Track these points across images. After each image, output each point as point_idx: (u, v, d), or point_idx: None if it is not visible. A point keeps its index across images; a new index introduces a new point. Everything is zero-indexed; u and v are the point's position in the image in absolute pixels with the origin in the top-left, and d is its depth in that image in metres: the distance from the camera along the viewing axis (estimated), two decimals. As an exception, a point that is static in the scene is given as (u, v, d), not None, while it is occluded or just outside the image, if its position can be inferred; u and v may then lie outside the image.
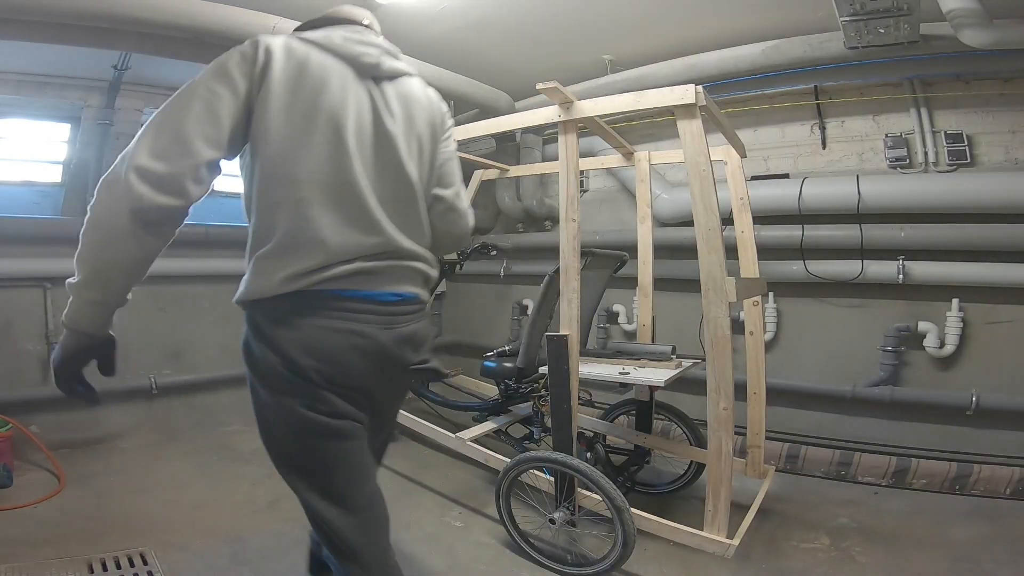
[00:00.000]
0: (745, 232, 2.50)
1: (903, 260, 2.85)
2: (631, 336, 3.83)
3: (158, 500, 2.54)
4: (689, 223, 3.46)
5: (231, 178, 4.40)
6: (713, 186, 1.77)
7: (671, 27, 2.97)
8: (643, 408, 2.69)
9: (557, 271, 2.20)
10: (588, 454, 2.44)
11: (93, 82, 3.33)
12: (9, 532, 2.17)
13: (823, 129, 3.22)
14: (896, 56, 2.67)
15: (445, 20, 2.97)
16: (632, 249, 3.82)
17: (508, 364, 2.63)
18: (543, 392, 2.48)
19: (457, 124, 2.91)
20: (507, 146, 4.15)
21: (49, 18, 2.44)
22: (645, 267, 2.77)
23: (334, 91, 1.10)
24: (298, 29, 1.24)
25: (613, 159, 3.16)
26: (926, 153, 2.92)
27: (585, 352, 2.49)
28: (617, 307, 3.85)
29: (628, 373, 2.25)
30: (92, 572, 1.94)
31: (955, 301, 2.78)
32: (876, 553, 2.17)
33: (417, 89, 1.39)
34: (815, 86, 3.12)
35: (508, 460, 2.24)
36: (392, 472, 2.97)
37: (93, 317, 1.12)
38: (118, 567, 1.97)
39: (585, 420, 2.79)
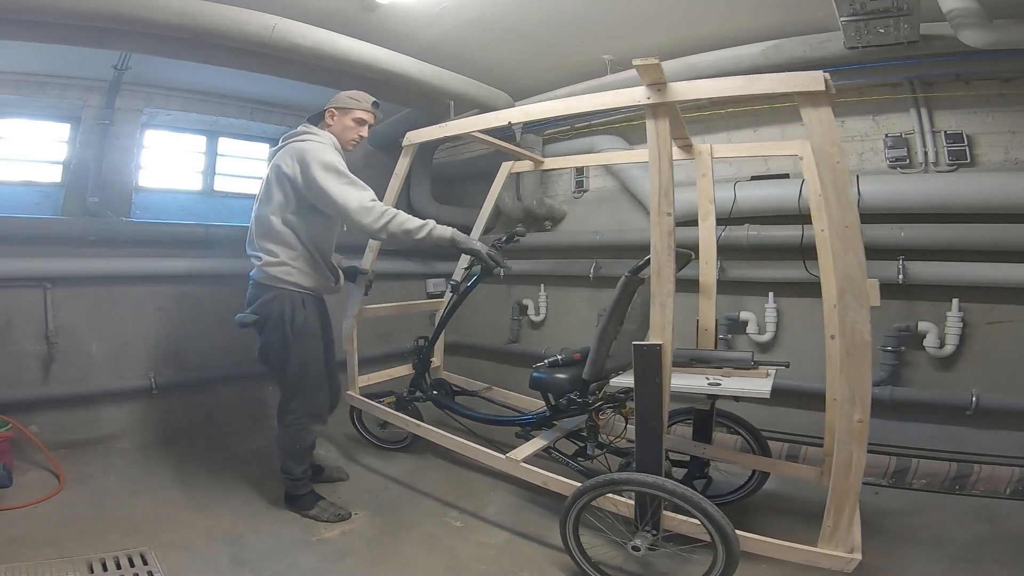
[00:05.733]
0: (826, 231, 2.32)
1: (903, 260, 2.85)
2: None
3: (158, 500, 2.54)
4: (689, 223, 3.49)
5: (231, 178, 4.42)
6: (848, 178, 1.67)
7: (671, 27, 2.97)
8: (702, 417, 2.53)
9: (634, 271, 2.07)
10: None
11: (93, 82, 3.33)
12: (9, 532, 2.17)
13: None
14: (896, 56, 2.67)
15: (445, 20, 2.97)
16: (633, 249, 3.83)
17: (560, 375, 2.39)
18: (600, 404, 2.34)
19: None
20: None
21: (49, 18, 2.44)
22: (708, 267, 2.62)
23: None
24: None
25: (618, 155, 3.10)
26: (926, 153, 2.92)
27: None
28: (618, 307, 3.84)
29: (719, 384, 2.08)
30: (92, 572, 1.94)
31: (955, 301, 2.77)
32: (876, 553, 2.17)
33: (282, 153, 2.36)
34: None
35: (566, 480, 2.10)
36: (387, 478, 2.97)
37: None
38: (118, 567, 1.97)
39: (632, 431, 2.64)
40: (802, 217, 3.06)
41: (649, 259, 1.95)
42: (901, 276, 2.84)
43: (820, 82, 1.62)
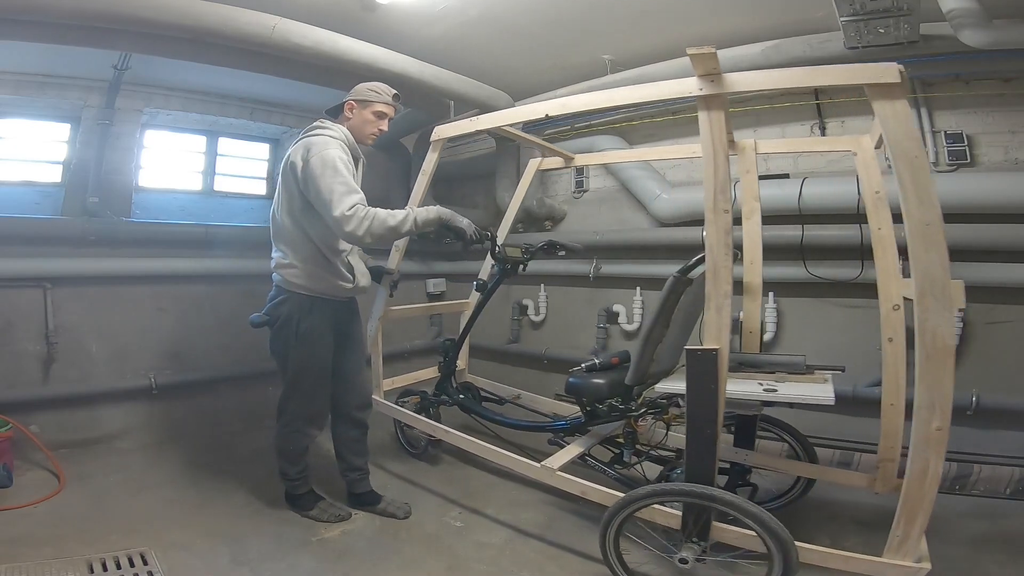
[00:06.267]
0: (883, 229, 2.25)
1: (903, 261, 2.84)
2: (631, 336, 3.83)
3: (158, 500, 2.54)
4: (689, 223, 3.49)
5: (230, 178, 4.42)
6: (929, 174, 1.57)
7: (671, 27, 2.97)
8: (744, 422, 2.42)
9: (683, 271, 1.99)
10: (680, 472, 2.13)
11: (93, 82, 3.33)
12: (9, 532, 2.18)
13: (823, 129, 3.22)
14: (896, 56, 2.66)
15: (445, 20, 2.97)
16: (631, 250, 3.84)
17: (598, 380, 2.31)
18: (644, 411, 2.26)
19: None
20: (508, 146, 4.14)
21: (49, 18, 2.44)
22: (753, 267, 2.52)
23: None
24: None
25: (656, 151, 3.07)
26: (926, 153, 2.92)
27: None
28: (617, 307, 3.85)
29: (775, 390, 1.97)
30: (92, 572, 1.94)
31: (955, 301, 2.77)
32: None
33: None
34: (815, 86, 3.12)
35: (607, 490, 2.02)
36: (390, 474, 2.97)
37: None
38: (118, 567, 1.97)
39: (674, 438, 2.52)
40: (802, 217, 3.07)
41: (700, 258, 1.87)
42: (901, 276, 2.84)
43: (895, 74, 1.54)
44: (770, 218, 3.15)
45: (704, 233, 1.76)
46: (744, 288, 2.54)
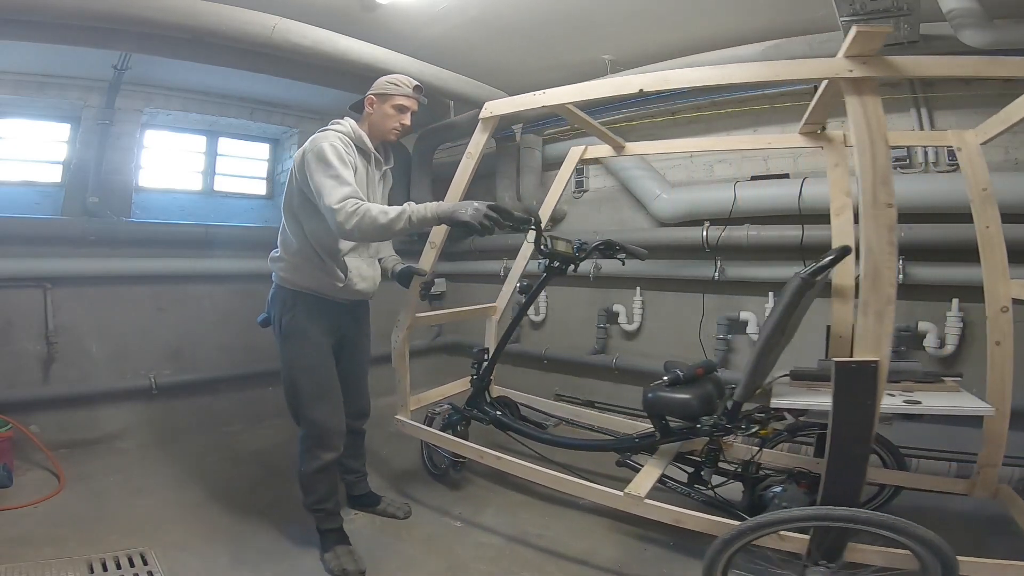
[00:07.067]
0: (991, 227, 2.09)
1: (903, 260, 2.85)
2: (631, 336, 3.83)
3: (158, 500, 2.54)
4: (689, 223, 3.49)
5: (230, 178, 4.42)
6: None
7: (671, 27, 2.98)
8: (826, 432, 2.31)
9: (813, 272, 1.84)
10: (782, 491, 1.98)
11: (93, 82, 3.34)
12: (9, 532, 2.18)
13: (823, 129, 3.21)
14: (896, 56, 2.66)
15: (445, 20, 2.98)
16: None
17: (685, 395, 2.10)
18: (755, 428, 2.06)
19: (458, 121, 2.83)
20: (508, 146, 4.14)
21: (49, 18, 2.44)
22: (845, 267, 2.32)
23: None
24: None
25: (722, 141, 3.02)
26: (926, 153, 2.92)
27: (800, 374, 2.13)
28: (617, 307, 3.85)
29: (919, 403, 1.85)
30: (92, 572, 1.94)
31: (955, 301, 2.77)
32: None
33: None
34: (815, 86, 3.12)
35: (714, 519, 1.83)
36: (389, 477, 2.97)
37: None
38: (118, 567, 1.97)
39: (743, 449, 2.40)
40: (802, 217, 3.07)
41: (831, 259, 1.76)
42: (901, 276, 2.84)
43: None
44: (770, 218, 3.18)
45: (861, 230, 1.65)
46: (833, 290, 2.39)
